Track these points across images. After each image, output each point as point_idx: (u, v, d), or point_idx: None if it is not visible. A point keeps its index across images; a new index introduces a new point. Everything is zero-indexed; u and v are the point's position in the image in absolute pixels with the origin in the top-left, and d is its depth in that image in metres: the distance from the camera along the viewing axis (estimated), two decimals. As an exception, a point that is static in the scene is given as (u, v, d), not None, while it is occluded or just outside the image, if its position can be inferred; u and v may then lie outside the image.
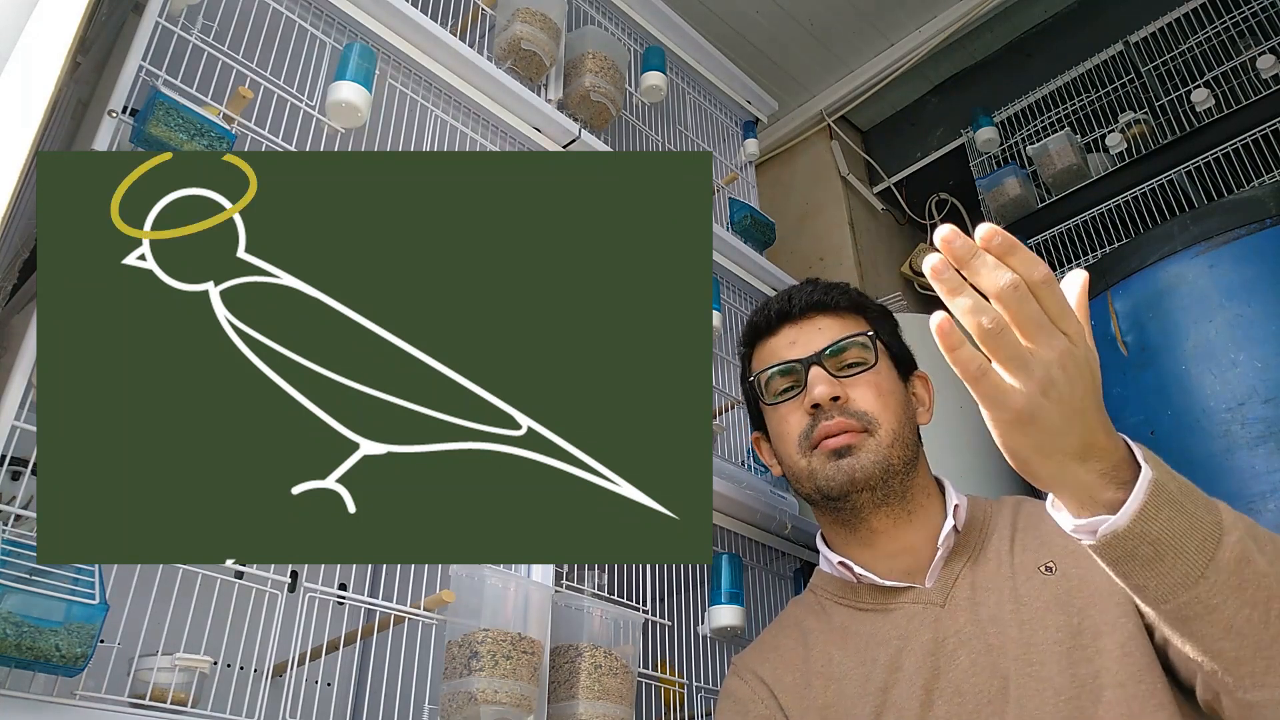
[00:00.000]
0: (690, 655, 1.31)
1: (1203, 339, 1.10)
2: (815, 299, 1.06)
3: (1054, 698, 0.81)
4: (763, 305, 1.10)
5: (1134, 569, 0.64)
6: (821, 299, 1.06)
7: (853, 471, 0.95)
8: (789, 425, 1.01)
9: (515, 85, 1.42)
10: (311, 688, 1.09)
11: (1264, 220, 1.11)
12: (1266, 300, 1.08)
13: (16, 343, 0.83)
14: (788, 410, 1.02)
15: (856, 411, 0.97)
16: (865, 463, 0.95)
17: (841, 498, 0.96)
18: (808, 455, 0.98)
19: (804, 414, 0.99)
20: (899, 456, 0.96)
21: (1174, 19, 1.93)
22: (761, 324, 1.09)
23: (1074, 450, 0.63)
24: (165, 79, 1.01)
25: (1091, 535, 0.64)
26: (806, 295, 1.06)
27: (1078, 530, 0.65)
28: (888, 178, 2.45)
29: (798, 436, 0.99)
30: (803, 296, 1.06)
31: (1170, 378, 1.11)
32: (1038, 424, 0.61)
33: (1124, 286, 1.19)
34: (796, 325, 1.05)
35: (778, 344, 1.06)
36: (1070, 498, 0.65)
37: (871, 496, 0.95)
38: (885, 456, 0.96)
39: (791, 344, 1.04)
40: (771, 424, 1.05)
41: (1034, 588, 0.89)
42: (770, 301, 1.10)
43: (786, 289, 1.10)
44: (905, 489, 0.97)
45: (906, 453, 0.98)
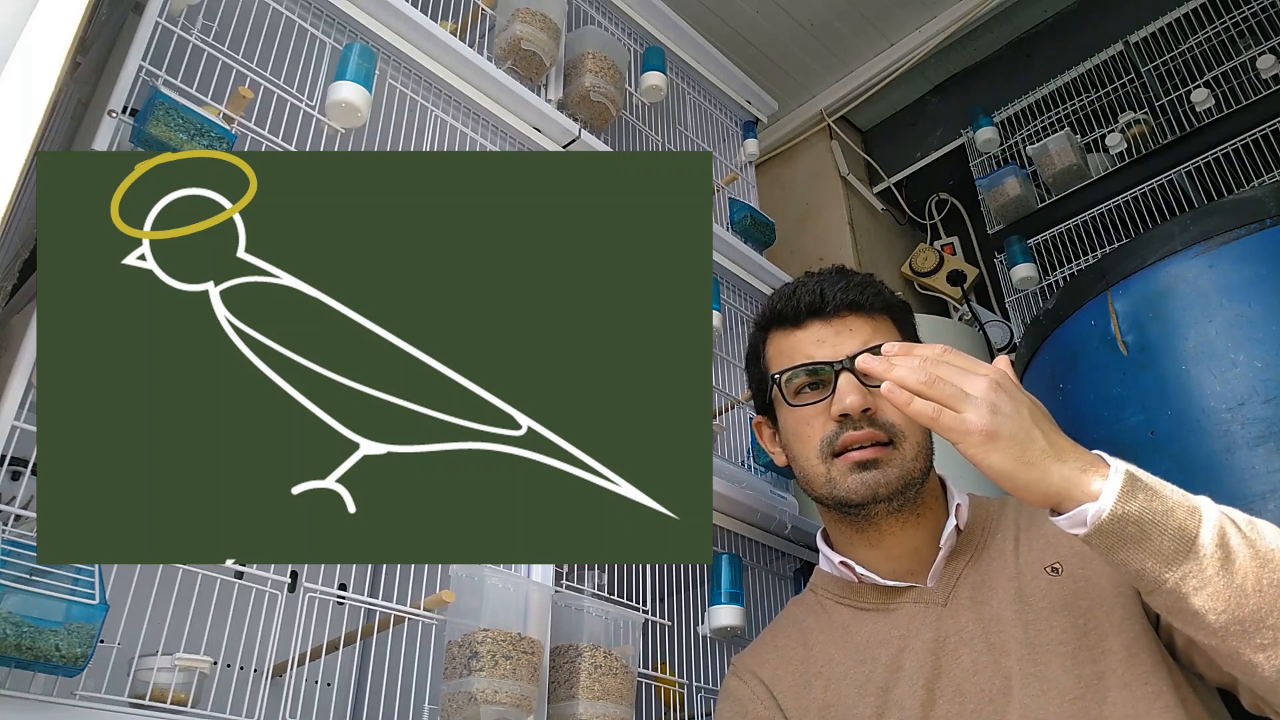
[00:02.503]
0: (690, 655, 1.31)
1: (1203, 339, 1.10)
2: (850, 298, 0.99)
3: (1059, 698, 0.82)
4: (789, 292, 1.03)
5: (1128, 552, 0.70)
6: (856, 298, 1.00)
7: (876, 486, 0.93)
8: (811, 429, 0.97)
9: (515, 85, 1.42)
10: (311, 688, 1.09)
11: (1264, 220, 1.11)
12: (1266, 300, 1.08)
13: (16, 343, 0.83)
14: (812, 414, 0.97)
15: (884, 423, 0.94)
16: (890, 477, 0.93)
17: (859, 507, 0.95)
18: (828, 462, 0.95)
19: (829, 420, 0.95)
20: (920, 468, 0.95)
21: (1174, 19, 1.93)
22: (788, 314, 1.02)
23: (1047, 451, 0.73)
24: (165, 79, 1.01)
25: (1084, 526, 0.71)
26: (841, 292, 1.00)
27: (1071, 524, 0.72)
28: (888, 178, 2.44)
29: (820, 441, 0.96)
30: (836, 293, 1.00)
31: (1170, 378, 1.11)
32: (1002, 437, 0.72)
33: (1124, 286, 1.19)
34: (827, 323, 0.99)
35: (803, 340, 1.00)
36: (1060, 496, 0.72)
37: (889, 506, 0.94)
38: (908, 470, 0.93)
39: (819, 342, 0.98)
40: (788, 422, 1.01)
41: (1040, 588, 0.89)
42: (799, 290, 1.02)
43: (815, 278, 1.03)
44: (919, 493, 0.96)
45: (927, 461, 0.96)
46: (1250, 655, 0.69)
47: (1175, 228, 1.17)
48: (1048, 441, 0.73)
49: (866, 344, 0.96)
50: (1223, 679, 0.81)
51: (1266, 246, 1.11)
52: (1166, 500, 0.71)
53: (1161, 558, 0.69)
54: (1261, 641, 0.68)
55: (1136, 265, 1.19)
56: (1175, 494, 0.72)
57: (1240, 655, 0.69)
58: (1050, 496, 0.72)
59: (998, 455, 0.72)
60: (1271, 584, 0.68)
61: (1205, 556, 0.69)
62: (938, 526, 0.97)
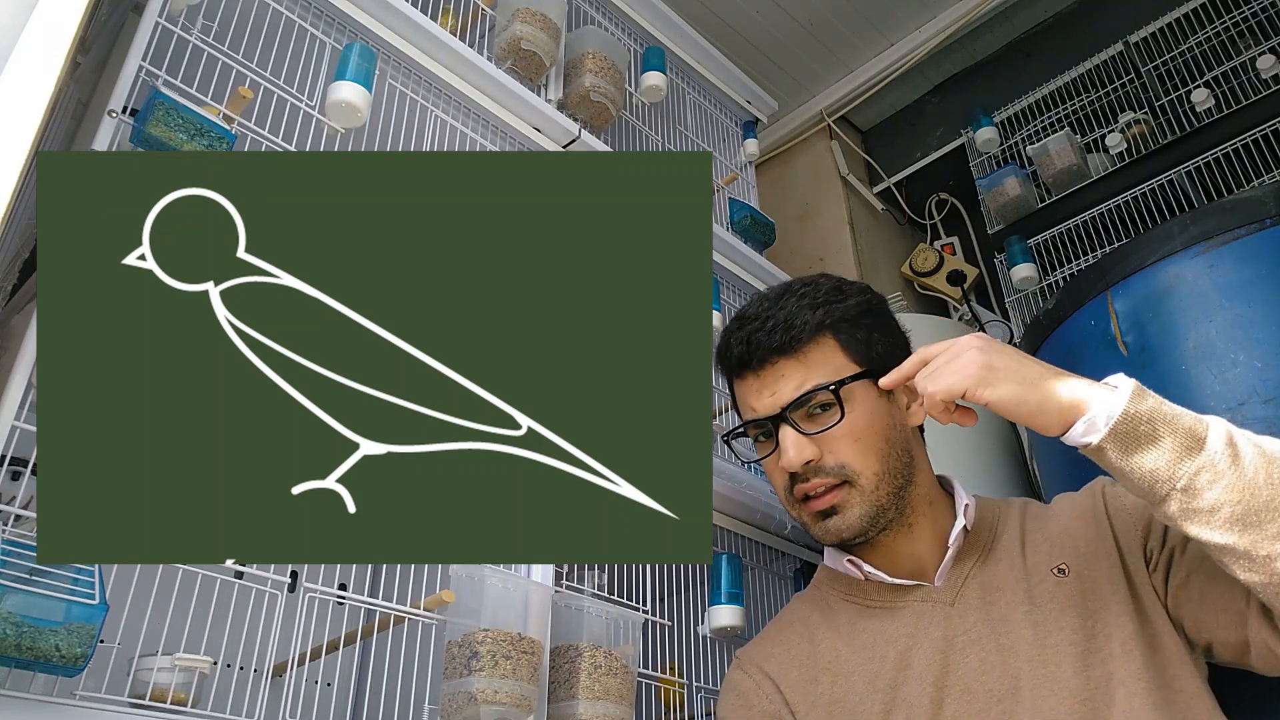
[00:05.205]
0: (690, 655, 1.31)
1: (1203, 339, 1.10)
2: (775, 343, 0.94)
3: (1069, 698, 0.82)
4: (723, 343, 1.00)
5: (1142, 453, 0.74)
6: (781, 342, 0.94)
7: (840, 531, 0.93)
8: (774, 478, 0.98)
9: (515, 85, 1.42)
10: (311, 688, 1.08)
11: (1264, 220, 1.11)
12: (1266, 300, 1.08)
13: (16, 343, 0.83)
14: (770, 464, 0.98)
15: (832, 467, 0.92)
16: (851, 519, 0.92)
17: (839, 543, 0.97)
18: (797, 507, 0.96)
19: (782, 471, 0.95)
20: (888, 492, 0.93)
21: (1174, 19, 1.93)
22: (731, 364, 0.99)
23: (1046, 374, 0.79)
24: (165, 79, 1.01)
25: (1098, 432, 0.75)
26: (765, 338, 0.95)
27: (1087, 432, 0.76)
28: (888, 178, 2.45)
29: (783, 490, 0.97)
30: (759, 341, 0.95)
31: (1170, 378, 1.11)
32: (998, 368, 0.79)
33: (1124, 286, 1.19)
34: (759, 375, 0.96)
35: (745, 391, 0.98)
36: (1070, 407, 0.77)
37: (864, 536, 0.95)
38: (873, 501, 0.92)
39: (758, 393, 0.96)
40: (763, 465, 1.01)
41: (1048, 589, 0.89)
42: (731, 342, 0.98)
43: (744, 325, 0.97)
44: (900, 509, 0.95)
45: (897, 481, 0.94)
46: (1267, 547, 0.71)
47: (1175, 228, 1.17)
48: (1043, 368, 0.80)
49: (801, 387, 0.93)
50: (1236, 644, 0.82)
51: (1266, 246, 1.11)
52: (1175, 407, 0.76)
53: (1175, 454, 0.73)
54: (1277, 530, 0.71)
55: (1136, 265, 1.19)
56: (1178, 407, 0.77)
57: (1257, 550, 0.72)
58: (1064, 410, 0.77)
59: (1003, 385, 0.79)
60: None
61: (1216, 452, 0.73)
62: (937, 531, 0.96)
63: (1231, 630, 0.82)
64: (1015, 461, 1.73)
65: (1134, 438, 0.74)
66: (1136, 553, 0.89)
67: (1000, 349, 0.82)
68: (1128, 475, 0.76)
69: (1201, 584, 0.83)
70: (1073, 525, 0.94)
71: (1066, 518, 0.95)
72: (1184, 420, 0.75)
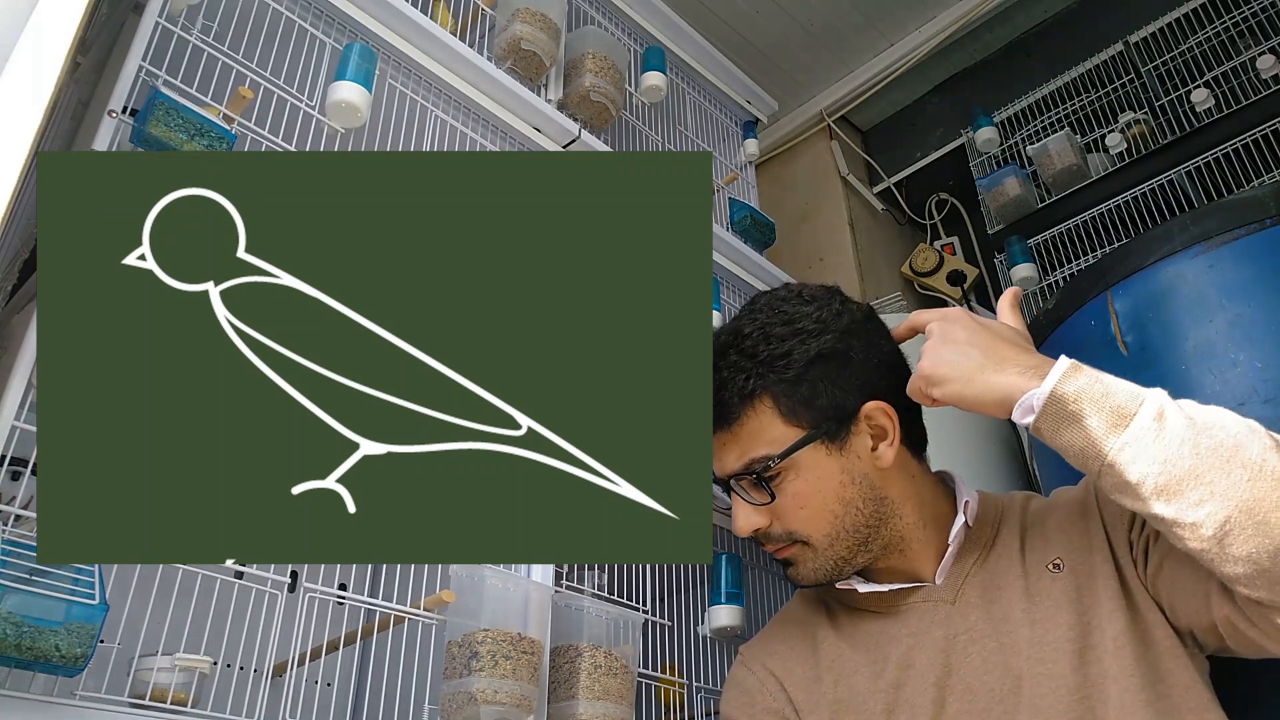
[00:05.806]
0: (690, 655, 1.31)
1: (1203, 339, 1.10)
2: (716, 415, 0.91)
3: (1067, 696, 0.82)
4: None
5: (1071, 431, 0.76)
6: (719, 414, 0.91)
7: (802, 580, 0.95)
8: None
9: (515, 85, 1.42)
10: (311, 688, 1.08)
11: (1264, 220, 1.11)
12: (1266, 300, 1.08)
13: (16, 343, 0.83)
14: None
15: (780, 535, 0.93)
16: (807, 571, 0.94)
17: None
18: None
19: None
20: (847, 545, 0.92)
21: (1174, 19, 1.93)
22: None
23: (985, 366, 0.81)
24: (165, 79, 1.01)
25: (1032, 413, 0.78)
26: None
27: (1023, 415, 0.79)
28: (888, 178, 2.44)
29: None
30: None
31: (1170, 378, 1.11)
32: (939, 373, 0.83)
33: (1124, 286, 1.19)
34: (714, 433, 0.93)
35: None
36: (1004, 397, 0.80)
37: (830, 582, 0.95)
38: (829, 558, 0.93)
39: (715, 451, 0.94)
40: None
41: (1044, 586, 0.89)
42: None
43: None
44: (873, 553, 0.94)
45: (858, 535, 0.92)
46: (1193, 514, 0.71)
47: (1175, 228, 1.17)
48: (986, 357, 0.82)
49: (740, 459, 0.91)
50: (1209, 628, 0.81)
51: (1266, 247, 1.11)
52: (1109, 385, 0.77)
53: (1101, 431, 0.75)
54: (1199, 498, 0.71)
55: (1136, 265, 1.19)
56: (1123, 385, 0.77)
57: (1184, 518, 0.72)
58: (1001, 400, 0.80)
59: (940, 390, 0.83)
60: (1209, 448, 0.72)
61: (1142, 428, 0.74)
62: (929, 550, 0.95)
63: (1203, 613, 0.81)
64: (1015, 460, 1.73)
65: (1061, 417, 0.76)
66: (1123, 544, 0.88)
67: (951, 338, 0.84)
68: (1064, 453, 0.78)
69: (1173, 568, 0.83)
70: (1068, 519, 0.94)
71: (1063, 511, 0.95)
72: (1116, 398, 0.76)
